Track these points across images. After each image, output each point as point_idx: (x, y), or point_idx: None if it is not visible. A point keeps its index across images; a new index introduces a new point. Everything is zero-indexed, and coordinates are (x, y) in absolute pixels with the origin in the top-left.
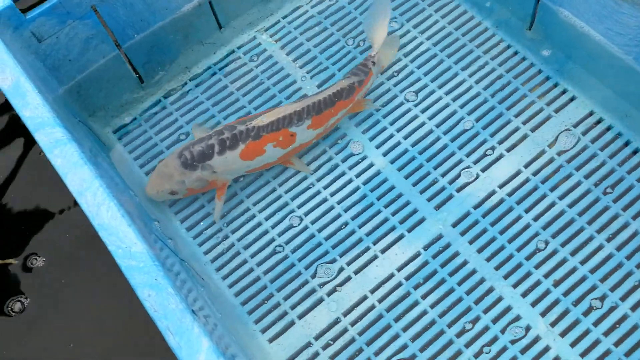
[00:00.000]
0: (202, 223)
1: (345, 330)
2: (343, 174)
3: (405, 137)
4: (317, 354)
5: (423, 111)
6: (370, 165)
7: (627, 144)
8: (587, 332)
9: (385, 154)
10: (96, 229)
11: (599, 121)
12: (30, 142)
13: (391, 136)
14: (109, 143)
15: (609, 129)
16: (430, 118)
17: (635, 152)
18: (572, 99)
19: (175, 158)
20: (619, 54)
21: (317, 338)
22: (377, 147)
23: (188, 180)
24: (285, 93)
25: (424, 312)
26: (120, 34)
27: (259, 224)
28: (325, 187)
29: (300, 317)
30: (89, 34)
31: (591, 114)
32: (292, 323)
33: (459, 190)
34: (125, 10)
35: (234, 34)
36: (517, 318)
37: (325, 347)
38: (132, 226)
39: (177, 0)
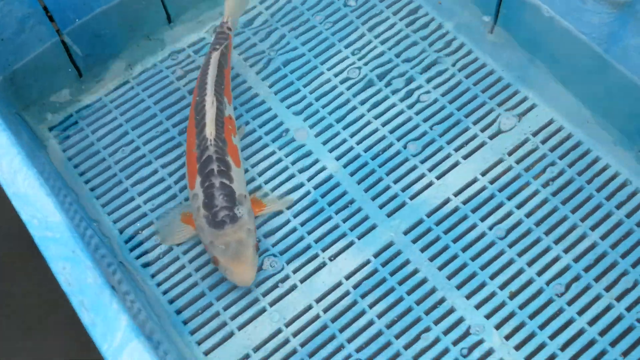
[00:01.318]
0: (137, 224)
1: (287, 342)
2: (293, 176)
3: (359, 142)
4: None
5: (376, 117)
6: (322, 169)
7: (587, 152)
8: (542, 346)
9: (338, 158)
10: (10, 198)
11: (559, 129)
12: None
13: (344, 141)
14: (44, 141)
15: (568, 137)
16: (384, 124)
17: (595, 161)
18: (532, 107)
19: (232, 230)
20: (586, 42)
21: (256, 349)
22: (330, 150)
23: (248, 219)
24: (236, 91)
25: (371, 322)
26: (59, 15)
27: None
28: (273, 190)
29: (240, 327)
30: (26, 12)
31: (551, 122)
32: (231, 334)
33: (412, 197)
34: None
35: (183, 31)
36: (470, 330)
37: (264, 359)
38: (51, 196)
39: None
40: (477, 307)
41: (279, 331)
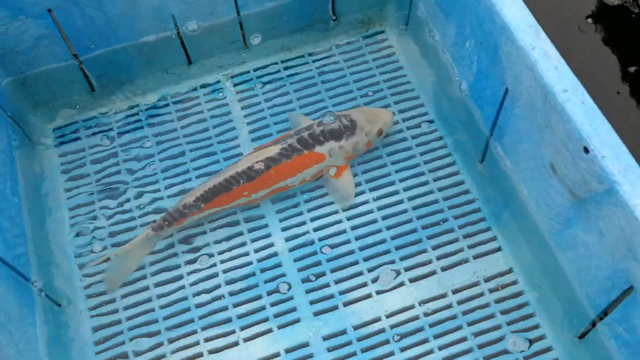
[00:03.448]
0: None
1: None
2: (244, 244)
3: (316, 230)
4: None
5: (344, 210)
6: (270, 245)
7: (530, 316)
8: None
9: (288, 239)
10: None
11: (513, 282)
12: None
13: (302, 223)
14: (44, 139)
15: (518, 294)
16: (349, 219)
17: (534, 327)
18: (496, 250)
19: (358, 114)
20: (542, 227)
21: None
22: (284, 229)
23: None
24: (222, 146)
25: None
26: (75, 42)
27: (146, 290)
28: (220, 253)
29: None
30: (41, 33)
31: (509, 271)
32: None
33: (346, 304)
34: (83, 21)
35: (201, 72)
36: None
37: None
38: None
39: (142, 24)
40: None
41: None
